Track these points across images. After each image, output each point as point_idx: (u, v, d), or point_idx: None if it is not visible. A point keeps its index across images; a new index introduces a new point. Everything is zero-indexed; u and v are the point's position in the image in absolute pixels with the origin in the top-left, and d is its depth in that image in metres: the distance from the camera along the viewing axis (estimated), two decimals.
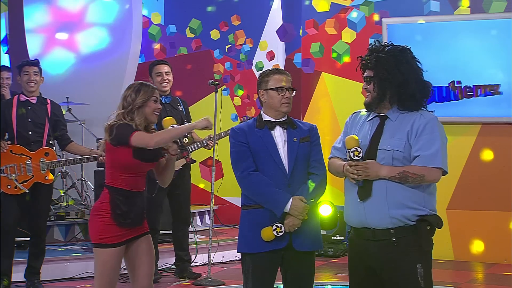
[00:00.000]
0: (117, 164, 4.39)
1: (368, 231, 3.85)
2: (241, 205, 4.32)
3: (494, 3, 8.09)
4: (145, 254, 4.47)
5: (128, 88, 4.48)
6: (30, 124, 6.63)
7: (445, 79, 8.08)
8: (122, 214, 4.36)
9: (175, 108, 7.13)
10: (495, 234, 8.06)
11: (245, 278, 4.28)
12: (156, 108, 4.45)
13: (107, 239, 4.34)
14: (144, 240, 4.48)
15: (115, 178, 4.41)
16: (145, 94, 4.41)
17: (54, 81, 9.13)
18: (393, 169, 3.79)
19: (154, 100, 4.44)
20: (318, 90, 9.00)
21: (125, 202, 4.37)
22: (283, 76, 4.31)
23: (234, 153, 4.30)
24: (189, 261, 7.29)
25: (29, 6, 9.63)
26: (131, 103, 4.40)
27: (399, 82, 3.86)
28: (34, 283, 6.69)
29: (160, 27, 9.98)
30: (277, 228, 4.13)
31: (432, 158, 3.79)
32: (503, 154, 8.06)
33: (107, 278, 4.38)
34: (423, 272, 3.80)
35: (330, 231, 8.49)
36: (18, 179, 6.52)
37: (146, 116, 4.42)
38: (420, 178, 3.78)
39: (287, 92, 4.28)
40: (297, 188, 4.22)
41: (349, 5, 8.78)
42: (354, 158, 3.83)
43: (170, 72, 7.17)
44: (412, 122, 3.85)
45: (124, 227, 4.37)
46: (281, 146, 4.26)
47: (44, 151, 6.64)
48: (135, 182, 4.42)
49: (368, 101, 3.95)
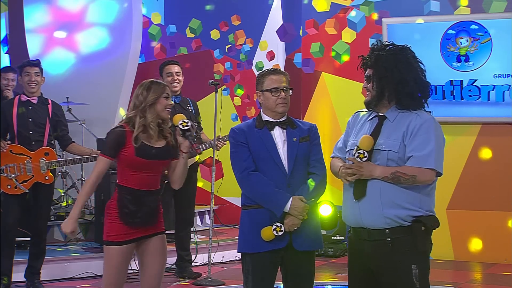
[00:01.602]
0: (123, 162, 4.39)
1: (364, 231, 3.86)
2: (241, 205, 4.33)
3: (494, 3, 8.09)
4: (156, 254, 4.43)
5: (139, 86, 4.48)
6: (31, 123, 6.63)
7: (445, 78, 8.09)
8: (130, 213, 4.35)
9: (184, 108, 7.14)
10: (495, 234, 8.06)
11: (245, 278, 4.28)
12: (167, 104, 4.44)
13: (113, 236, 4.34)
14: (156, 240, 4.44)
15: (123, 176, 4.41)
16: (156, 91, 4.41)
17: (54, 81, 9.13)
18: (386, 170, 3.80)
19: (165, 96, 4.43)
20: (318, 90, 9.01)
21: (133, 201, 4.35)
22: (278, 76, 4.29)
23: (233, 153, 4.30)
24: (190, 261, 7.29)
25: (29, 6, 9.63)
26: (142, 101, 4.39)
27: (397, 80, 3.86)
28: (34, 283, 6.69)
29: (160, 27, 9.98)
30: (277, 227, 4.13)
31: (425, 159, 3.79)
32: (503, 154, 8.06)
33: (112, 276, 4.38)
34: (418, 272, 3.80)
35: (330, 231, 8.49)
36: (18, 179, 6.52)
37: (158, 113, 4.40)
38: (412, 179, 3.78)
39: (282, 92, 4.26)
40: (297, 188, 4.22)
41: (349, 5, 8.78)
42: (357, 158, 3.84)
43: (181, 73, 7.18)
44: (408, 122, 3.85)
45: (132, 226, 4.35)
46: (281, 146, 4.25)
47: (44, 151, 6.64)
48: (145, 180, 4.39)
49: (368, 100, 3.96)
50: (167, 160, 4.46)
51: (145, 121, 4.36)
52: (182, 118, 4.38)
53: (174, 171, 4.50)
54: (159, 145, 4.41)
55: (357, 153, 3.84)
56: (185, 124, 4.33)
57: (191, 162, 7.04)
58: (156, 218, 4.45)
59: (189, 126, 4.34)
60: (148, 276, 4.44)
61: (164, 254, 4.49)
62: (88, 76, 9.36)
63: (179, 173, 4.49)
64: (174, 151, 4.46)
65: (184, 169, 4.49)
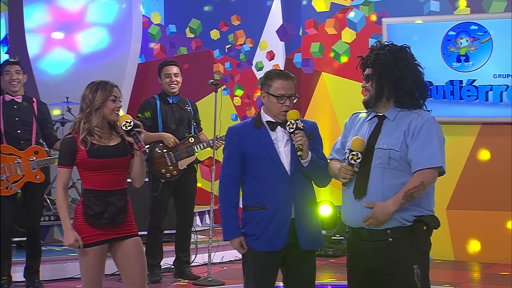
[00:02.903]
0: (79, 166, 4.40)
1: (365, 232, 3.85)
2: (243, 206, 4.31)
3: (494, 3, 8.09)
4: (132, 257, 4.42)
5: (86, 88, 4.46)
6: (18, 123, 6.59)
7: (445, 78, 8.09)
8: (95, 215, 4.35)
9: (182, 108, 7.14)
10: (495, 234, 8.06)
11: (246, 278, 4.26)
12: (115, 107, 4.41)
13: (83, 239, 4.34)
14: (131, 243, 4.43)
15: (85, 179, 4.43)
16: (103, 94, 4.38)
17: (54, 81, 9.13)
18: (397, 198, 3.76)
19: (113, 99, 4.40)
20: (318, 90, 9.00)
21: (98, 202, 4.35)
22: (287, 82, 4.23)
23: (225, 154, 4.32)
24: (188, 262, 7.26)
25: (29, 6, 9.62)
26: (89, 105, 4.39)
27: (396, 77, 3.86)
28: (34, 282, 6.69)
29: (160, 27, 9.98)
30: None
31: (431, 157, 3.79)
32: (502, 154, 8.06)
33: (89, 278, 4.38)
34: (419, 272, 3.80)
35: (330, 231, 8.48)
36: (9, 179, 6.48)
37: (105, 116, 4.39)
38: (422, 187, 3.77)
39: (288, 100, 4.23)
40: (300, 188, 4.20)
41: (349, 5, 8.78)
42: (351, 161, 3.84)
43: (179, 74, 7.17)
44: (409, 122, 3.85)
45: (98, 227, 4.36)
46: (282, 145, 4.22)
47: (34, 149, 6.62)
48: (106, 180, 4.38)
49: (366, 99, 3.95)
50: (123, 157, 4.43)
51: (90, 125, 4.37)
52: (126, 119, 4.36)
53: (131, 169, 4.49)
54: (113, 143, 4.41)
55: (351, 155, 3.83)
56: (128, 125, 4.34)
57: (187, 161, 7.04)
58: (123, 218, 4.42)
59: (131, 125, 4.33)
60: (133, 278, 4.43)
61: (140, 256, 4.47)
62: (88, 76, 9.21)
63: (136, 171, 4.48)
64: (131, 148, 4.45)
65: (141, 166, 4.47)
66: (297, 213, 4.18)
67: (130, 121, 4.34)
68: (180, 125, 7.09)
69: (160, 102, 7.08)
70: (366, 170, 3.85)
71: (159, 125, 7.01)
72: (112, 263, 4.60)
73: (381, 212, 3.77)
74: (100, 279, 4.44)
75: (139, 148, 4.36)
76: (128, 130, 4.34)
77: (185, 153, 7.02)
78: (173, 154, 6.97)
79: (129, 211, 4.47)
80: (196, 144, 7.06)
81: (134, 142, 4.36)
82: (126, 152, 4.44)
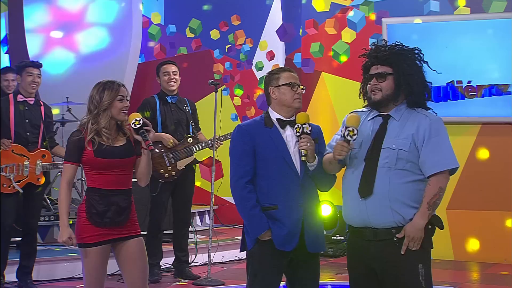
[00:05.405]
0: (86, 164, 4.41)
1: (369, 231, 3.84)
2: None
3: (494, 3, 8.10)
4: (134, 259, 4.42)
5: (93, 88, 4.45)
6: (28, 125, 6.63)
7: (445, 78, 8.09)
8: (98, 214, 4.35)
9: (181, 109, 7.13)
10: (495, 234, 8.06)
11: (250, 279, 4.19)
12: (123, 106, 4.41)
13: (86, 238, 4.34)
14: (134, 243, 4.43)
15: (90, 178, 4.42)
16: (110, 94, 4.38)
17: (54, 81, 9.13)
18: (423, 211, 3.78)
19: (120, 99, 4.40)
20: (318, 90, 9.01)
21: (101, 202, 4.35)
22: (293, 73, 4.32)
23: (235, 150, 4.20)
24: (187, 262, 7.26)
25: (29, 6, 9.62)
26: (96, 106, 4.40)
27: (421, 80, 3.87)
28: (26, 283, 6.68)
29: (160, 27, 9.99)
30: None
31: (446, 160, 3.84)
32: (503, 154, 8.06)
33: (91, 278, 4.38)
34: (424, 272, 3.80)
35: (330, 231, 8.49)
36: (14, 178, 6.53)
37: (113, 116, 4.40)
38: (442, 191, 3.84)
39: (299, 88, 4.27)
40: (310, 189, 4.17)
41: (349, 5, 8.78)
42: (347, 137, 3.80)
43: (178, 72, 7.17)
44: (418, 124, 3.83)
45: (101, 226, 4.35)
46: (292, 146, 4.18)
47: (42, 153, 6.66)
48: (112, 180, 4.38)
49: (379, 99, 3.89)
50: (129, 158, 4.43)
51: (98, 126, 4.38)
52: (136, 117, 4.37)
53: (138, 168, 4.49)
54: (119, 144, 4.41)
55: (347, 131, 3.79)
56: (137, 123, 4.34)
57: (185, 162, 7.04)
58: (126, 218, 4.41)
59: (140, 124, 4.34)
60: (134, 279, 4.42)
61: (142, 258, 4.45)
62: (87, 76, 9.33)
63: (142, 170, 4.47)
64: (137, 148, 4.45)
65: (148, 166, 4.47)
66: (306, 215, 4.14)
67: (139, 119, 4.34)
68: (178, 126, 7.09)
69: (159, 102, 7.08)
70: (372, 169, 3.82)
71: (158, 125, 7.01)
72: (112, 263, 4.61)
73: (414, 231, 3.76)
74: (102, 279, 4.44)
75: (147, 146, 4.36)
76: (137, 128, 4.34)
77: (184, 153, 7.03)
78: (172, 155, 6.98)
79: (132, 211, 4.47)
80: (194, 145, 7.06)
81: (142, 141, 4.36)
82: (132, 153, 4.45)
